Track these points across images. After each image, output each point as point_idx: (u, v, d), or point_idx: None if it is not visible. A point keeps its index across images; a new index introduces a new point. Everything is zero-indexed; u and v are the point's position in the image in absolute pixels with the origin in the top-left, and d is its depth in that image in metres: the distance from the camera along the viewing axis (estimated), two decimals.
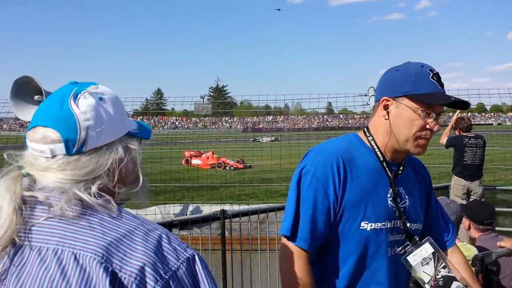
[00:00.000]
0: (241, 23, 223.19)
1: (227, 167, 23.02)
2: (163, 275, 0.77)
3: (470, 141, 5.47)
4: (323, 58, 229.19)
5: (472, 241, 2.89)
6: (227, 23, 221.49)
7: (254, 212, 4.26)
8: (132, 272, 0.75)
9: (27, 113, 5.38)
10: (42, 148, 0.82)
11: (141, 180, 0.95)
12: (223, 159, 23.53)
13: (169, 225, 3.67)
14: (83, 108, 0.84)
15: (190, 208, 8.11)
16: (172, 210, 7.88)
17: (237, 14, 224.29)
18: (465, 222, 2.88)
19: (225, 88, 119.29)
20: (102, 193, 0.85)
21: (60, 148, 0.82)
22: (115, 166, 0.88)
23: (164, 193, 14.99)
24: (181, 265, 0.81)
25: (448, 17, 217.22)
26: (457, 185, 5.37)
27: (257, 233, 4.53)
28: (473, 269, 2.23)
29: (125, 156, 0.90)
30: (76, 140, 0.83)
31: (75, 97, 0.85)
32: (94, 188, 0.83)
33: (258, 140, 35.18)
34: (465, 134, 5.61)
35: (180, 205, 8.31)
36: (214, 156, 24.56)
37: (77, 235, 0.76)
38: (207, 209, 7.54)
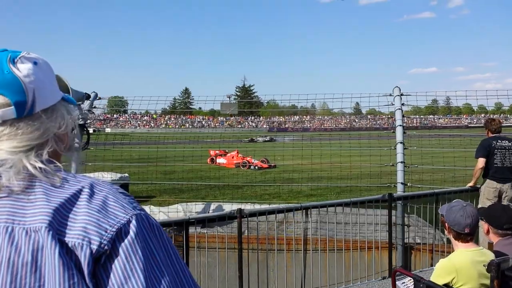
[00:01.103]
0: (269, 22, 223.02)
1: (252, 167, 23.08)
2: (109, 229, 0.76)
3: (498, 143, 5.36)
4: (351, 57, 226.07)
5: (489, 246, 2.83)
6: (254, 21, 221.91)
7: (272, 211, 4.29)
8: (75, 235, 0.74)
9: None
10: None
11: (76, 144, 0.94)
12: (248, 158, 23.61)
13: (186, 223, 3.76)
14: (24, 71, 0.84)
15: (212, 206, 8.21)
16: (194, 208, 8.02)
17: (264, 13, 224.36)
18: (484, 226, 2.83)
19: (251, 88, 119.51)
20: (51, 159, 0.84)
21: (11, 112, 0.82)
22: (62, 128, 0.88)
23: (189, 191, 15.22)
24: (130, 218, 0.78)
25: (481, 16, 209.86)
26: (489, 187, 5.25)
27: (275, 233, 4.57)
28: (489, 274, 2.21)
29: (68, 118, 0.91)
30: (25, 102, 0.82)
31: (13, 61, 0.85)
32: (45, 154, 0.83)
33: (254, 140, 35.82)
34: (494, 135, 5.50)
35: (203, 204, 8.43)
36: (239, 155, 24.68)
37: (26, 211, 0.76)
38: (229, 208, 7.63)
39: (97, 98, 6.85)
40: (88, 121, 6.59)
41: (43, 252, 0.73)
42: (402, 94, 6.17)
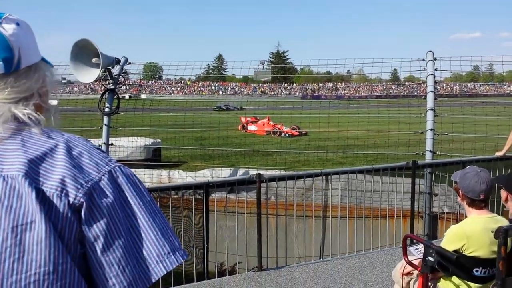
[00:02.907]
0: None
1: (282, 134, 23.05)
2: (84, 184, 0.81)
3: None
4: (390, 20, 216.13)
5: (505, 214, 2.73)
6: None
7: (291, 177, 4.29)
8: (52, 185, 0.80)
9: (86, 74, 5.75)
10: None
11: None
12: (279, 125, 23.55)
13: (205, 186, 3.83)
14: (9, 31, 0.90)
15: (240, 172, 8.31)
16: (222, 174, 8.16)
17: None
18: (503, 194, 2.74)
19: (285, 54, 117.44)
20: (36, 112, 0.91)
21: (0, 67, 0.89)
22: (44, 84, 0.96)
23: (219, 158, 15.47)
24: (103, 176, 0.84)
25: None
26: None
27: (294, 199, 4.59)
28: (496, 241, 2.15)
29: (50, 75, 0.98)
30: (12, 58, 0.89)
31: None
32: (31, 105, 0.91)
33: (222, 107, 36.10)
34: None
35: (230, 169, 8.55)
36: (270, 122, 24.65)
37: (5, 159, 0.82)
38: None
39: (128, 63, 6.92)
40: (119, 85, 6.73)
41: (20, 196, 0.78)
42: (435, 59, 5.88)
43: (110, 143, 6.74)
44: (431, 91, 5.65)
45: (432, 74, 5.73)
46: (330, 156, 15.48)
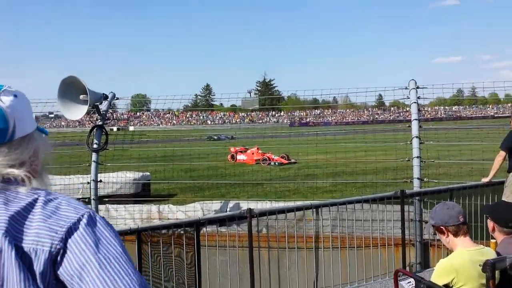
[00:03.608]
0: (288, 15, 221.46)
1: (272, 163, 23.09)
2: (59, 230, 0.85)
3: None
4: (374, 46, 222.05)
5: (492, 245, 2.75)
6: (273, 14, 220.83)
7: (282, 211, 4.30)
8: (30, 240, 0.84)
9: (74, 111, 5.76)
10: None
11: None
12: (268, 154, 23.62)
13: (196, 224, 3.81)
14: (6, 103, 0.95)
15: (230, 204, 8.26)
16: (212, 207, 8.10)
17: (283, 8, 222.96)
18: (490, 223, 2.77)
19: (272, 82, 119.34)
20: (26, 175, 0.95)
21: None
22: (37, 153, 1.01)
23: (209, 189, 15.38)
24: (77, 220, 0.88)
25: (506, 3, 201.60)
26: None
27: (286, 232, 4.57)
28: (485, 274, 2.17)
29: (42, 145, 1.03)
30: (7, 129, 0.94)
31: None
32: (21, 171, 0.94)
33: (213, 137, 34.22)
34: None
35: (220, 202, 8.49)
36: (259, 151, 24.71)
37: None
38: (245, 206, 7.67)
39: (115, 98, 6.96)
40: (107, 121, 6.74)
41: (1, 255, 0.81)
42: (418, 87, 6.04)
43: (99, 180, 6.69)
44: (416, 119, 5.77)
45: (415, 102, 5.86)
46: (320, 184, 15.53)
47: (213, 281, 4.36)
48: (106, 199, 7.93)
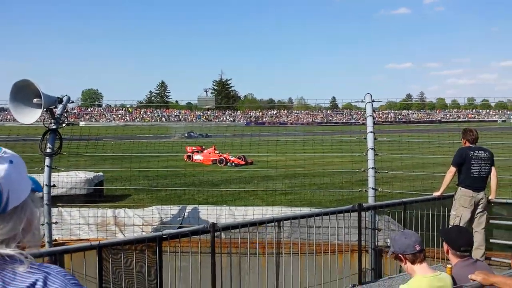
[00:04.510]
0: (245, 15, 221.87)
1: (229, 163, 23.10)
2: None
3: (475, 154, 5.45)
4: (329, 50, 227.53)
5: (448, 269, 2.92)
6: (230, 14, 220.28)
7: (244, 225, 4.36)
8: None
9: (26, 115, 5.51)
10: None
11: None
12: (225, 155, 23.59)
13: (159, 239, 3.79)
14: (1, 173, 0.91)
15: (188, 209, 8.21)
16: (171, 212, 8.01)
17: (241, 5, 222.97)
18: (445, 246, 2.96)
19: (229, 82, 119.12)
20: (18, 249, 0.93)
21: None
22: (30, 222, 0.97)
23: (165, 189, 15.16)
24: None
25: (455, 12, 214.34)
26: (465, 196, 5.39)
27: (248, 238, 4.64)
28: None
29: (35, 210, 1.00)
30: (0, 203, 0.90)
31: None
32: (13, 245, 0.92)
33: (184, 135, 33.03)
34: (470, 145, 5.57)
35: (178, 206, 8.41)
36: (216, 152, 24.62)
37: None
38: (204, 211, 7.66)
39: (70, 101, 6.73)
40: (62, 125, 6.48)
41: None
42: (373, 101, 6.33)
43: (52, 184, 6.44)
44: (371, 132, 6.05)
45: (371, 116, 6.14)
46: (277, 185, 15.75)
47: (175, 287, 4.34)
48: (60, 204, 7.60)
